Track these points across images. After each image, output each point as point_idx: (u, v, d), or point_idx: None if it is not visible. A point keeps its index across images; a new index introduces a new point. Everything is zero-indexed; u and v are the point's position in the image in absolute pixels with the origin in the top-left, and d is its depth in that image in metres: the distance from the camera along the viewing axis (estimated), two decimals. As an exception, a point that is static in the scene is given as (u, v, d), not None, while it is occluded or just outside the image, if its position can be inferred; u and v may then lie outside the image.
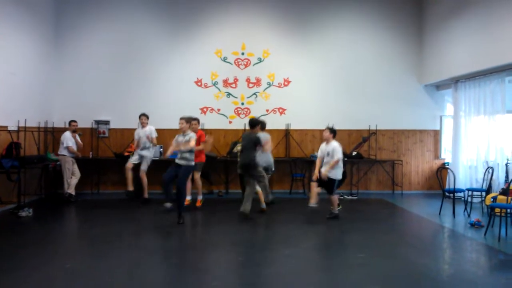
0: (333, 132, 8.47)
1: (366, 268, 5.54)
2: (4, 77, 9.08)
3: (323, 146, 8.52)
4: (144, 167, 9.80)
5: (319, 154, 8.59)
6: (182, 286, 4.97)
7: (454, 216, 8.77)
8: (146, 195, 9.78)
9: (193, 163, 7.90)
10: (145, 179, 9.79)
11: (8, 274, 5.14)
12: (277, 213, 8.79)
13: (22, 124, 9.47)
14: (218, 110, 11.85)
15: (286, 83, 12.01)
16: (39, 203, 9.79)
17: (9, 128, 9.10)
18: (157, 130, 10.17)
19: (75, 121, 10.37)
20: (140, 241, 6.75)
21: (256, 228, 7.70)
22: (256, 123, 8.63)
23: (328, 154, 8.27)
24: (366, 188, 12.06)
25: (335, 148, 8.23)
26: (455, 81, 10.91)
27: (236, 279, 5.21)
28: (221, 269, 5.61)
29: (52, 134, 11.06)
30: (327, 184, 8.27)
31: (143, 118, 9.90)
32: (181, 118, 7.93)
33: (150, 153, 9.91)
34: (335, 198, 8.43)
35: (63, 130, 11.23)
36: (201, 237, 7.13)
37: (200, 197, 9.43)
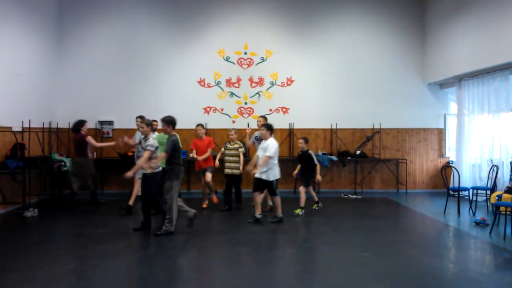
0: (270, 128, 8.00)
1: (370, 267, 5.54)
2: (9, 78, 9.12)
3: (262, 143, 8.11)
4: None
5: (258, 152, 8.22)
6: (185, 285, 4.99)
7: (459, 215, 8.75)
8: (131, 203, 8.73)
9: (157, 170, 7.14)
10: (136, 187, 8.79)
11: (13, 274, 5.17)
12: (281, 212, 8.75)
13: (26, 125, 9.50)
14: (222, 109, 11.86)
15: (289, 83, 12.00)
16: (44, 203, 9.83)
17: (13, 129, 9.14)
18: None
19: (155, 121, 10.03)
20: (143, 241, 6.75)
21: (259, 228, 7.68)
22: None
23: (264, 150, 7.87)
24: (370, 187, 12.03)
25: (268, 145, 7.81)
26: (459, 80, 10.87)
27: (240, 278, 5.21)
28: (224, 268, 5.60)
29: (56, 135, 11.09)
30: (264, 186, 7.91)
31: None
32: (138, 117, 7.71)
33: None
34: (279, 199, 8.01)
35: (67, 130, 11.29)
36: (204, 237, 7.12)
37: (213, 196, 9.57)
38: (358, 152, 11.69)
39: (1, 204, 8.62)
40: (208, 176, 9.09)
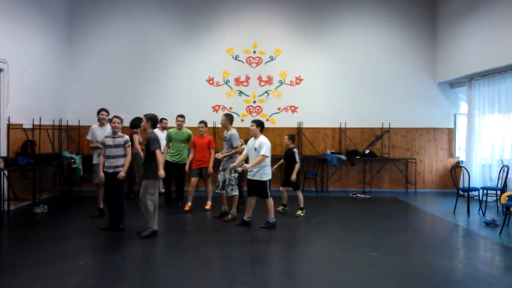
0: (260, 125, 7.56)
1: (379, 266, 5.52)
2: (20, 76, 9.19)
3: (250, 141, 7.60)
4: None
5: (245, 150, 7.78)
6: (193, 282, 5.00)
7: (468, 215, 8.69)
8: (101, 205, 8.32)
9: (121, 168, 7.01)
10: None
11: (23, 270, 5.22)
12: (290, 211, 8.75)
13: (37, 122, 9.59)
14: (230, 108, 11.86)
15: (298, 81, 11.98)
16: (54, 200, 9.91)
17: (24, 126, 9.22)
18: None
19: (165, 119, 10.25)
20: (154, 238, 6.77)
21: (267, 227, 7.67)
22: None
23: (255, 149, 7.38)
24: (379, 186, 11.98)
25: (262, 142, 7.34)
26: (470, 79, 10.78)
27: (247, 276, 5.21)
28: (233, 265, 5.61)
29: (66, 132, 11.17)
30: (258, 188, 7.40)
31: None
32: (116, 117, 7.06)
33: None
34: (271, 202, 7.45)
35: (77, 128, 11.38)
36: (214, 235, 7.14)
37: (209, 202, 9.00)
38: (367, 151, 11.65)
39: (12, 200, 8.69)
40: (208, 181, 8.84)
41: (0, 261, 5.74)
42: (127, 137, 7.26)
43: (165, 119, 10.29)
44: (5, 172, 8.33)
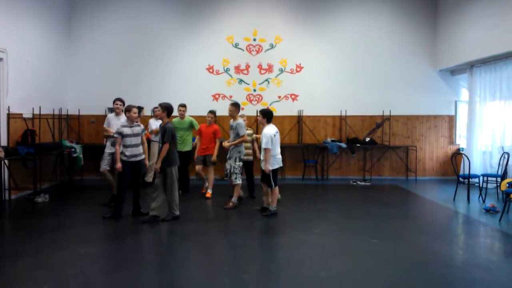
0: (266, 115, 7.52)
1: (379, 253, 5.54)
2: (19, 65, 9.15)
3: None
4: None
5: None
6: (195, 270, 5.03)
7: (468, 202, 8.71)
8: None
9: (143, 156, 7.33)
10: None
11: (24, 259, 5.24)
12: (290, 199, 8.78)
13: (37, 112, 9.56)
14: (230, 96, 11.82)
15: (298, 69, 11.92)
16: (55, 189, 9.93)
17: (24, 116, 9.21)
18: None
19: (156, 107, 10.06)
20: (154, 225, 6.79)
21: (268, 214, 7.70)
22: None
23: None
24: (379, 174, 11.98)
25: (262, 135, 7.32)
26: (470, 66, 10.72)
27: (250, 263, 5.24)
28: (233, 253, 5.64)
29: (66, 121, 11.16)
30: (264, 176, 7.47)
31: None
32: (134, 107, 7.22)
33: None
34: (276, 191, 7.54)
35: (77, 117, 11.37)
36: (215, 223, 7.16)
37: (209, 190, 9.05)
38: (367, 139, 11.63)
39: (13, 189, 8.72)
40: (211, 169, 8.93)
41: (1, 249, 5.76)
42: (142, 125, 7.42)
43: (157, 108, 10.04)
44: (6, 161, 8.35)
